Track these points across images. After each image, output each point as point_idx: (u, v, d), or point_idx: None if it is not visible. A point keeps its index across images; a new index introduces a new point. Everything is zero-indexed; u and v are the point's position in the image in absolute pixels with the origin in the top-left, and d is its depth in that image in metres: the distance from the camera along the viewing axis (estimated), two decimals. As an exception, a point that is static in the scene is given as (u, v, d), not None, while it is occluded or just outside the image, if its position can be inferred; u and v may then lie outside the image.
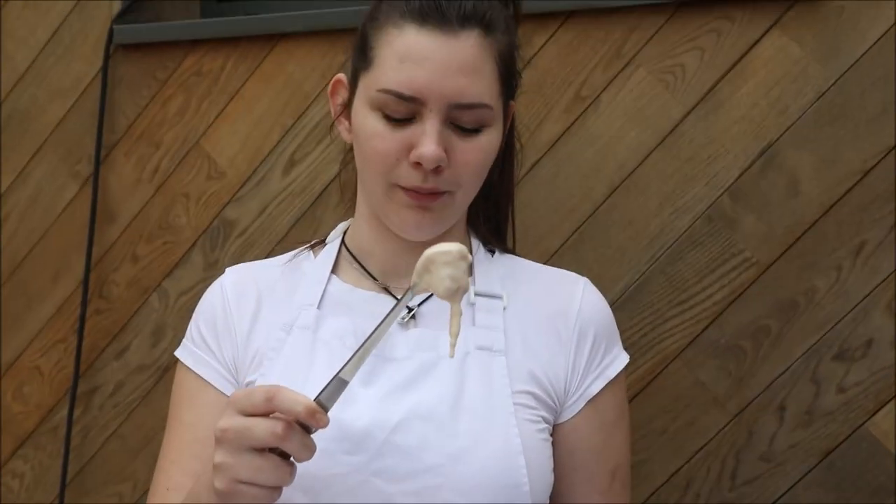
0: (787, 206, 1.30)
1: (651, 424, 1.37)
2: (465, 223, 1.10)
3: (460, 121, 0.96)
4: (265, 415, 0.82)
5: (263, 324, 1.05)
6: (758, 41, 1.31)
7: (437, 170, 0.95)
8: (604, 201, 1.40)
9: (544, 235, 1.42)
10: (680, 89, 1.35)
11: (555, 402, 1.02)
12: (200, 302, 1.10)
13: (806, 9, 1.28)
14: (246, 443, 0.81)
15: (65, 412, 1.76)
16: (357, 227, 1.09)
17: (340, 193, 1.52)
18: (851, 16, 1.26)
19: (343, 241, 1.10)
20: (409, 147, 0.95)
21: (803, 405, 1.30)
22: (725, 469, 1.34)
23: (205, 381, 1.05)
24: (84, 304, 1.73)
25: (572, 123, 1.41)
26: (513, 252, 1.15)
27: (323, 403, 0.82)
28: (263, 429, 0.81)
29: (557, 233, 1.42)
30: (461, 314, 0.86)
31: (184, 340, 1.10)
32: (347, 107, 1.04)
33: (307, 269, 1.09)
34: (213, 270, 1.65)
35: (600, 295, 1.09)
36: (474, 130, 0.97)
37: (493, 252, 1.11)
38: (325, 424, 0.82)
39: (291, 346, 1.01)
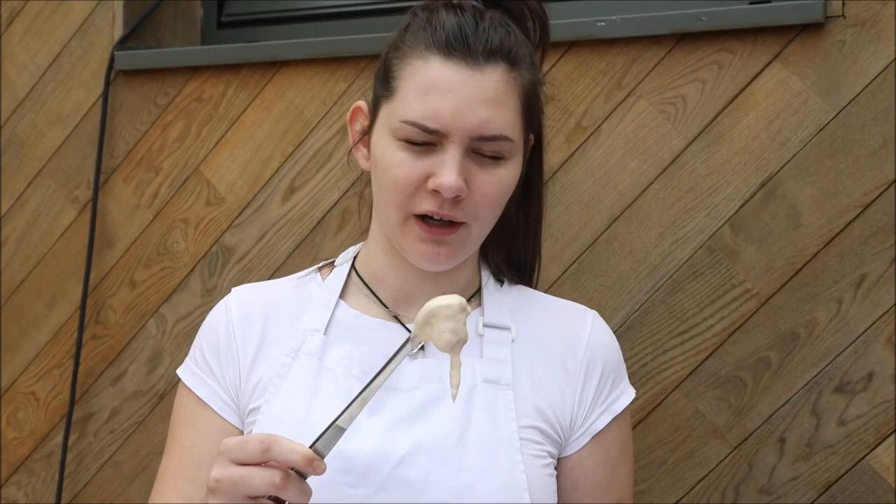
0: (788, 237, 1.31)
1: (650, 455, 1.37)
2: (478, 253, 1.09)
3: (481, 150, 0.96)
4: (259, 464, 0.81)
5: (269, 349, 1.04)
6: (759, 74, 1.32)
7: (456, 199, 0.95)
8: (604, 231, 1.40)
9: (544, 265, 1.41)
10: (681, 120, 1.36)
11: (560, 437, 1.01)
12: (205, 322, 1.10)
13: (807, 42, 1.29)
14: (242, 492, 0.81)
15: (60, 438, 1.75)
16: (370, 253, 1.08)
17: (343, 218, 1.52)
18: (852, 50, 1.27)
19: (353, 266, 1.10)
20: (429, 175, 0.95)
21: (804, 438, 1.30)
22: (725, 501, 1.33)
23: (205, 403, 1.05)
24: (81, 329, 1.72)
25: (573, 153, 1.41)
26: (532, 286, 1.14)
27: (319, 451, 0.82)
28: (261, 479, 0.80)
29: (557, 262, 1.42)
30: (461, 365, 0.86)
31: (186, 359, 1.09)
32: (366, 134, 1.03)
33: (314, 292, 1.08)
34: (211, 296, 1.65)
35: (608, 329, 1.08)
36: (494, 162, 0.97)
37: (501, 282, 1.10)
38: (322, 472, 0.82)
39: (296, 372, 1.01)
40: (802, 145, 1.30)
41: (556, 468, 1.01)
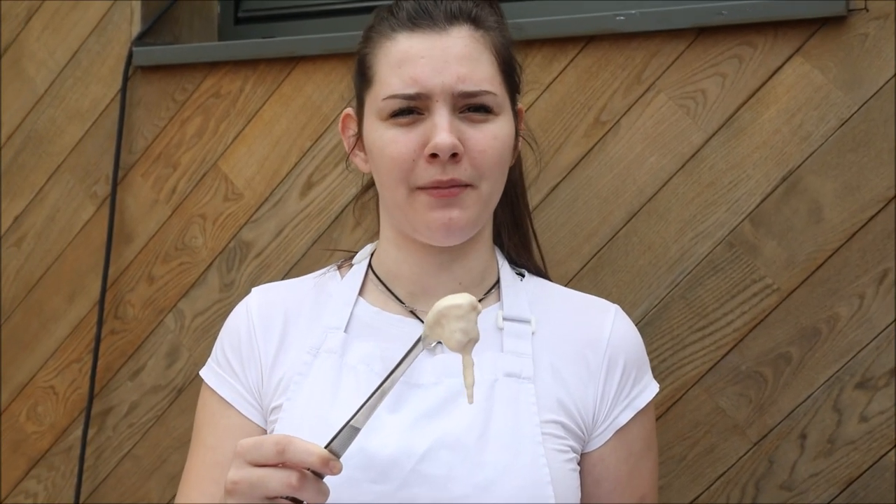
0: (809, 232, 1.30)
1: (670, 451, 1.36)
2: (491, 239, 1.09)
3: (468, 107, 0.98)
4: (275, 465, 0.81)
5: (290, 347, 1.04)
6: (780, 68, 1.31)
7: (455, 158, 0.96)
8: (623, 226, 1.39)
9: (563, 260, 1.41)
10: (701, 115, 1.35)
11: (583, 432, 1.01)
12: (226, 323, 1.10)
13: (829, 36, 1.28)
14: (260, 493, 0.81)
15: (79, 432, 1.76)
16: (383, 251, 1.08)
17: (357, 216, 1.52)
18: (875, 44, 1.26)
19: (370, 264, 1.10)
20: (424, 144, 0.97)
21: (825, 434, 1.29)
22: (745, 497, 1.33)
23: (228, 403, 1.05)
24: (99, 324, 1.73)
25: (592, 148, 1.41)
26: (544, 270, 1.14)
27: (335, 451, 0.82)
28: (278, 480, 0.81)
29: (576, 257, 1.41)
30: (474, 365, 0.86)
31: (209, 360, 1.10)
32: (359, 137, 1.04)
33: (334, 290, 1.08)
34: (228, 292, 1.65)
35: (631, 323, 1.08)
36: (484, 115, 0.98)
37: (522, 275, 1.10)
38: (338, 472, 0.82)
39: (318, 370, 1.01)
40: (824, 139, 1.29)
41: (578, 463, 1.01)
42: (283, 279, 1.60)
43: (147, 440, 1.72)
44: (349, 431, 0.83)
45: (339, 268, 1.12)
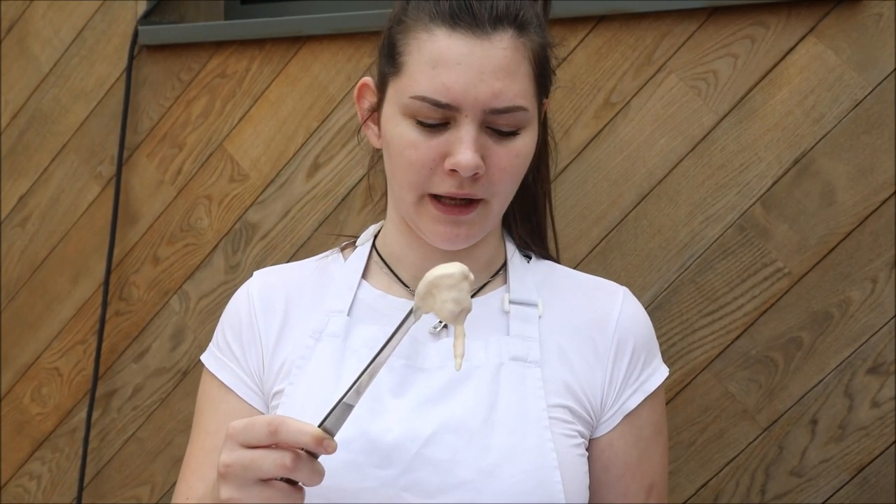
0: (822, 215, 1.28)
1: (679, 436, 1.35)
2: (500, 226, 1.07)
3: (496, 125, 0.93)
4: (268, 446, 0.80)
5: (292, 331, 1.03)
6: (793, 48, 1.29)
7: (475, 177, 0.93)
8: (633, 208, 1.38)
9: (572, 243, 1.40)
10: (712, 96, 1.33)
11: (591, 417, 0.99)
12: (227, 307, 1.09)
13: (843, 16, 1.26)
14: (253, 476, 0.79)
15: (83, 414, 1.75)
16: (388, 233, 1.06)
17: (368, 195, 1.51)
18: (889, 23, 1.24)
19: (374, 245, 1.08)
20: (444, 155, 0.92)
21: (836, 419, 1.28)
22: (755, 483, 1.32)
23: (228, 388, 1.04)
24: (104, 305, 1.72)
25: (601, 129, 1.39)
26: (555, 256, 1.12)
27: (329, 429, 0.80)
28: (271, 461, 0.79)
29: (585, 239, 1.40)
30: (465, 335, 0.84)
31: (210, 345, 1.08)
32: (376, 111, 1.01)
33: (336, 272, 1.07)
34: (234, 273, 1.64)
35: (640, 305, 1.06)
36: (510, 134, 0.94)
37: (529, 257, 1.08)
38: (333, 451, 0.80)
39: (320, 354, 0.99)
40: (837, 121, 1.27)
41: (587, 449, 1.00)
42: (289, 261, 1.59)
43: (151, 422, 1.71)
44: (342, 408, 0.81)
45: (343, 250, 1.11)
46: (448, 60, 0.91)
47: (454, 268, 0.82)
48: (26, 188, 1.82)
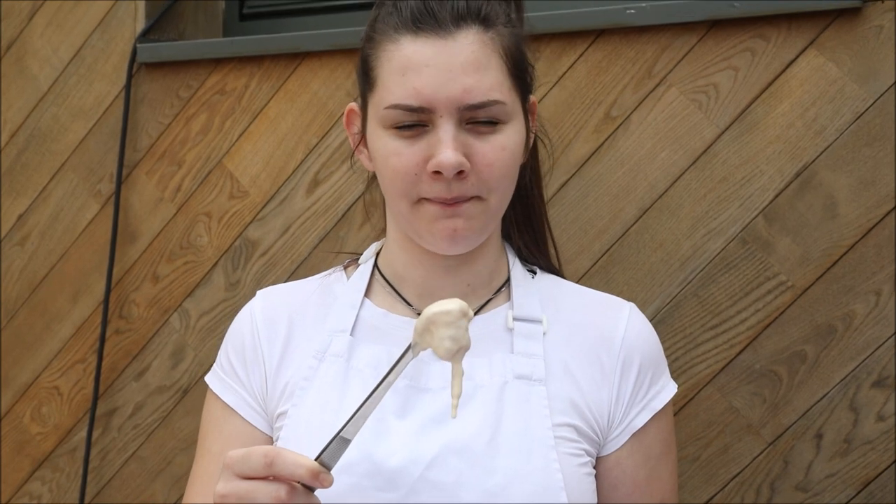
0: (824, 228, 1.27)
1: (683, 451, 1.34)
2: (500, 238, 1.06)
3: (475, 119, 0.93)
4: (265, 478, 0.79)
5: (295, 352, 1.02)
6: (793, 61, 1.29)
7: (461, 175, 0.92)
8: (634, 223, 1.37)
9: (573, 257, 1.39)
10: (713, 109, 1.33)
11: (597, 435, 0.98)
12: (230, 327, 1.08)
13: (843, 28, 1.26)
14: None
15: (83, 433, 1.74)
16: (389, 251, 1.06)
17: (365, 214, 1.51)
18: (890, 35, 1.23)
19: (376, 264, 1.07)
20: (427, 159, 0.92)
21: (841, 433, 1.27)
22: (760, 498, 1.31)
23: (232, 409, 1.03)
24: (104, 324, 1.71)
25: (602, 143, 1.39)
26: (557, 268, 1.11)
27: (325, 463, 0.80)
28: (266, 493, 0.79)
29: (587, 254, 1.39)
30: (463, 374, 0.84)
31: (214, 366, 1.08)
32: (363, 134, 1.01)
33: (339, 291, 1.06)
34: (234, 291, 1.63)
35: (646, 321, 1.05)
36: (491, 126, 0.93)
37: (533, 273, 1.07)
38: (329, 485, 0.80)
39: (324, 374, 0.99)
40: (839, 134, 1.27)
41: (594, 467, 0.99)
42: (289, 278, 1.59)
43: (152, 441, 1.70)
44: (339, 443, 0.81)
45: (346, 268, 1.10)
46: (416, 65, 0.92)
47: (453, 304, 0.81)
48: (25, 207, 1.82)
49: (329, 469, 0.80)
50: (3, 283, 1.83)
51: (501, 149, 0.94)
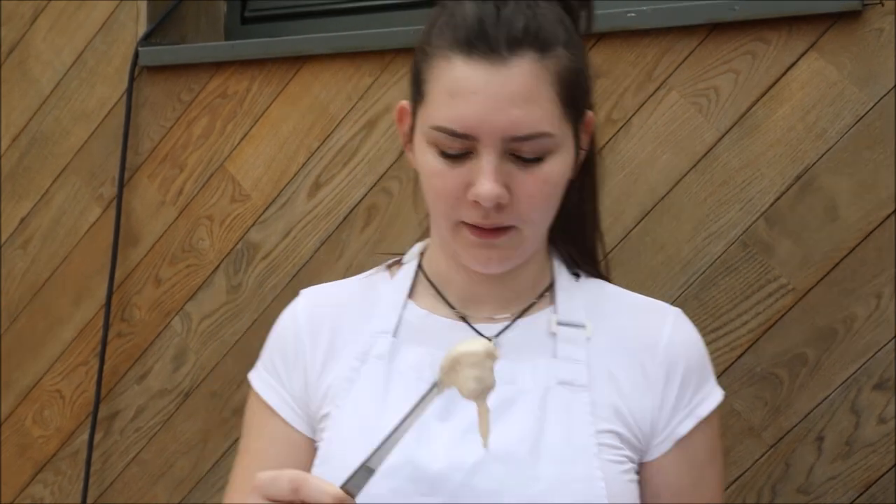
0: (825, 231, 1.28)
1: (684, 454, 1.34)
2: (546, 243, 1.04)
3: (520, 151, 0.90)
4: (291, 503, 0.79)
5: (338, 353, 1.01)
6: (794, 64, 1.29)
7: (499, 205, 0.90)
8: (635, 226, 1.37)
9: (574, 260, 1.39)
10: (714, 112, 1.33)
11: (640, 441, 0.96)
12: (274, 327, 1.07)
13: (844, 31, 1.26)
14: None
15: (85, 436, 1.74)
16: (433, 253, 1.04)
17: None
18: (890, 38, 1.24)
19: (420, 264, 1.06)
20: (468, 185, 0.90)
21: (843, 436, 1.27)
22: (762, 501, 1.31)
23: (273, 409, 1.03)
24: (106, 327, 1.72)
25: (603, 146, 1.39)
26: (604, 273, 1.08)
27: (350, 491, 0.80)
28: None
29: (588, 258, 1.39)
30: (489, 412, 0.83)
31: (258, 363, 1.07)
32: (412, 135, 0.99)
33: (383, 291, 1.04)
34: (236, 294, 1.64)
35: (692, 327, 1.01)
36: (536, 160, 0.90)
37: (577, 275, 1.05)
38: None
39: (366, 376, 0.98)
40: (839, 136, 1.27)
41: (637, 473, 0.97)
42: (290, 282, 1.59)
43: (154, 445, 1.71)
44: (365, 472, 0.81)
45: (389, 268, 1.08)
46: (464, 90, 0.88)
47: (478, 345, 0.81)
48: (27, 210, 1.82)
49: (353, 497, 0.80)
50: (5, 287, 1.84)
51: (544, 181, 0.91)
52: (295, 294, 1.06)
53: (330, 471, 0.94)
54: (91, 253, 1.76)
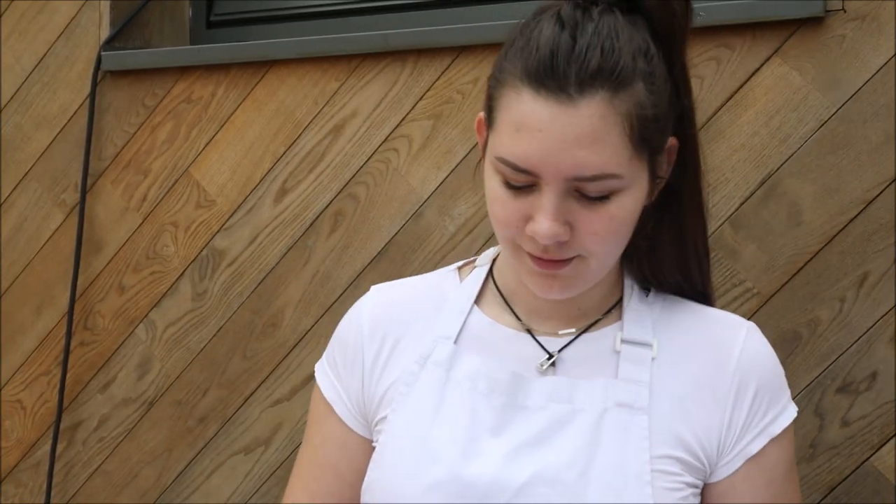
0: (789, 235, 1.29)
1: (652, 459, 1.34)
2: (618, 267, 1.01)
3: (584, 190, 0.87)
4: None
5: (400, 354, 1.00)
6: (758, 69, 1.30)
7: (559, 242, 0.88)
8: (602, 231, 1.38)
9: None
10: (679, 118, 1.34)
11: (704, 464, 0.94)
12: (342, 321, 1.06)
13: (807, 37, 1.27)
14: None
15: (47, 447, 1.72)
16: (503, 263, 1.03)
17: (334, 221, 1.50)
18: (853, 45, 1.25)
19: (491, 270, 1.04)
20: (528, 217, 0.88)
21: (807, 439, 1.28)
22: None
23: (330, 405, 1.03)
24: (68, 335, 1.69)
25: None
26: (707, 293, 1.03)
27: None
28: None
29: (555, 263, 1.39)
30: None
31: (324, 354, 1.07)
32: (483, 151, 0.96)
33: (451, 294, 1.03)
34: (201, 301, 1.62)
35: (765, 342, 0.99)
36: (602, 198, 0.87)
37: (647, 290, 1.01)
38: None
39: (423, 382, 0.97)
40: (803, 142, 1.28)
41: (701, 494, 0.95)
42: (256, 288, 1.58)
43: (117, 455, 1.68)
44: None
45: (460, 269, 1.07)
46: (530, 126, 0.85)
47: None
48: (-12, 217, 1.80)
49: None
50: (-35, 295, 1.81)
51: (610, 219, 0.88)
52: (260, 301, 1.05)
53: (381, 477, 0.95)
54: (53, 260, 1.74)
